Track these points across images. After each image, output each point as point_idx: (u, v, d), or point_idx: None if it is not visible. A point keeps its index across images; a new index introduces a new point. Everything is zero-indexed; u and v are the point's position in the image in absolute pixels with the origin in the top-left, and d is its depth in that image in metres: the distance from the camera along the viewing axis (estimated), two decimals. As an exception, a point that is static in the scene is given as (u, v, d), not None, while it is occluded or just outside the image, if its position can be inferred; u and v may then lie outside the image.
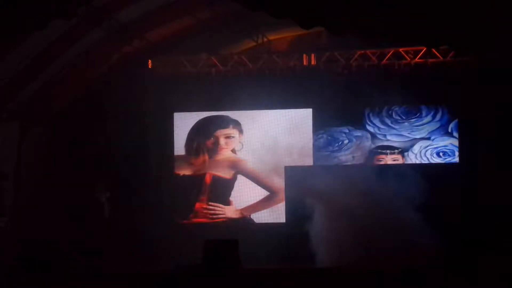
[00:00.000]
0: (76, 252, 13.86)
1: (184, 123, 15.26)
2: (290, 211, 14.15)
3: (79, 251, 13.23)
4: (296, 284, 10.72)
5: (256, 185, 14.86)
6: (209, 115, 15.18)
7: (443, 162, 14.43)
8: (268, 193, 14.87)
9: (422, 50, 14.21)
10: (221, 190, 14.98)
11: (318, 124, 14.45)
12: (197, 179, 14.96)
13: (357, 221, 12.67)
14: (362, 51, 14.50)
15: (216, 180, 14.96)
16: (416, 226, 13.18)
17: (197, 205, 15.00)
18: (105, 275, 11.14)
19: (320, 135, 14.45)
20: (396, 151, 14.60)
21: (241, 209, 14.89)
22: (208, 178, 14.99)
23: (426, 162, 14.47)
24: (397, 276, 10.38)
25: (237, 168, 14.91)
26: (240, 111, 14.90)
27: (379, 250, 12.38)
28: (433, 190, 13.00)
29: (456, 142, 14.42)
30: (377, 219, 12.78)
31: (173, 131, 15.19)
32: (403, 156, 14.57)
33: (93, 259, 13.54)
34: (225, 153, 15.02)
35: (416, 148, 14.53)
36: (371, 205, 13.15)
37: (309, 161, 14.58)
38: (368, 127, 14.70)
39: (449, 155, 14.44)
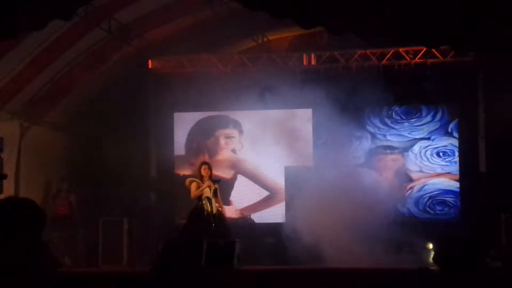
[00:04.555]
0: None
1: (184, 123, 15.26)
2: (290, 211, 14.14)
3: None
4: (296, 284, 10.72)
5: (256, 185, 14.86)
6: (209, 115, 15.18)
7: (443, 161, 14.45)
8: (268, 193, 14.86)
9: (422, 50, 14.19)
10: (221, 190, 14.95)
11: (318, 124, 14.43)
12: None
13: (358, 221, 12.67)
14: (362, 51, 14.48)
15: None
16: (417, 227, 13.20)
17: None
18: (104, 275, 11.13)
19: (320, 135, 14.43)
20: (396, 151, 14.60)
21: (241, 209, 14.89)
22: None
23: (426, 162, 14.47)
24: (397, 276, 10.37)
25: (237, 168, 14.90)
26: (240, 111, 14.89)
27: (380, 251, 12.39)
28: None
29: (456, 142, 14.42)
30: (377, 219, 12.78)
31: (173, 131, 15.19)
32: (403, 156, 14.57)
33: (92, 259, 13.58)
34: (225, 153, 15.02)
35: (416, 148, 14.53)
36: (372, 205, 13.16)
37: (309, 161, 14.58)
38: (368, 127, 14.69)
39: (449, 155, 14.44)
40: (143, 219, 14.71)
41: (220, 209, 12.31)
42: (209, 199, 12.16)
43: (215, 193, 12.22)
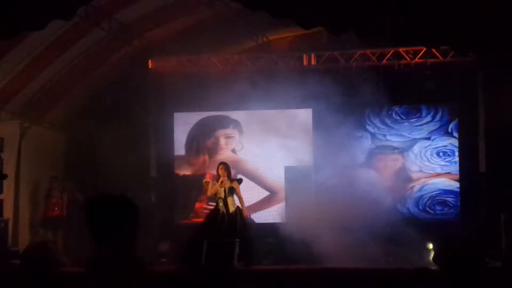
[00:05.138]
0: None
1: (184, 123, 15.26)
2: (290, 211, 14.14)
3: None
4: (296, 284, 10.72)
5: (256, 185, 14.86)
6: (209, 115, 15.18)
7: (443, 161, 14.46)
8: (268, 193, 14.86)
9: (422, 50, 14.18)
10: (221, 190, 14.96)
11: (318, 124, 14.43)
12: (197, 179, 14.94)
13: (357, 221, 12.67)
14: (362, 51, 14.48)
15: (216, 180, 14.94)
16: (417, 227, 13.19)
17: (197, 205, 15.00)
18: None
19: (320, 135, 14.43)
20: (396, 151, 14.60)
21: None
22: (208, 178, 14.97)
23: (426, 162, 14.47)
24: (397, 276, 10.38)
25: (237, 168, 14.89)
26: (240, 111, 14.89)
27: (380, 251, 12.38)
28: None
29: (456, 142, 14.43)
30: (377, 219, 12.78)
31: (173, 131, 15.19)
32: (403, 156, 14.57)
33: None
34: (225, 153, 15.01)
35: (416, 148, 14.53)
36: (372, 206, 13.17)
37: (309, 161, 14.58)
38: (368, 127, 14.69)
39: (449, 155, 14.45)
40: (143, 219, 14.68)
41: (240, 207, 12.34)
42: (223, 199, 12.20)
43: (230, 192, 12.25)
